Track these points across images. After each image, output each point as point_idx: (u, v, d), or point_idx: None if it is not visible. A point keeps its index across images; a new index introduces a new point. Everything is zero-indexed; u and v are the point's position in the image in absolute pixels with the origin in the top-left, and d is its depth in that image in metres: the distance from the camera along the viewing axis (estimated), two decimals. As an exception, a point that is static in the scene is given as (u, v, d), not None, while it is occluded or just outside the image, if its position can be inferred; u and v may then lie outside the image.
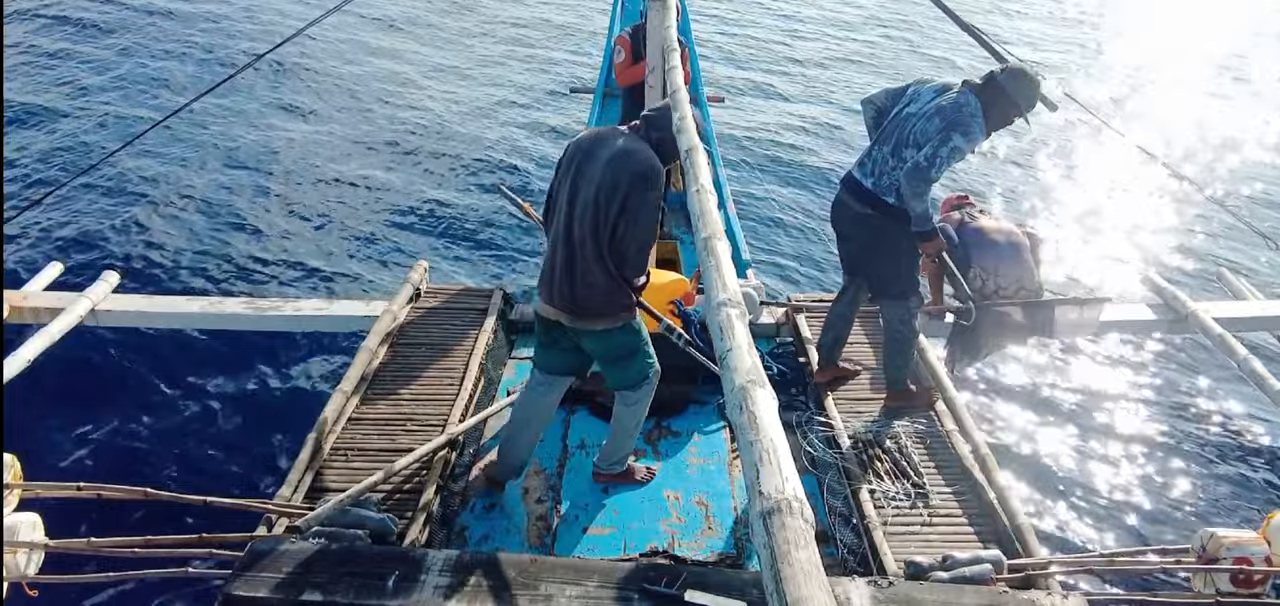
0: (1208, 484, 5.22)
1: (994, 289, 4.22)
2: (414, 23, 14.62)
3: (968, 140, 3.52)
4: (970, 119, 3.52)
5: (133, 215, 7.83)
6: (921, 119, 3.59)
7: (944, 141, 3.48)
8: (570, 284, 3.08)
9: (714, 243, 1.99)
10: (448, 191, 8.69)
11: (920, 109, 3.63)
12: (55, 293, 4.66)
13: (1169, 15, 16.87)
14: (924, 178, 3.48)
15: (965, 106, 3.54)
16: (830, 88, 12.29)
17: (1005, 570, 2.89)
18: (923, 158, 3.48)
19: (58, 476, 3.68)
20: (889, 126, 3.73)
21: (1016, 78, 3.59)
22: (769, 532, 1.17)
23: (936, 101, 3.60)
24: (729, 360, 1.59)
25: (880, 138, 3.76)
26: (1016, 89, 3.57)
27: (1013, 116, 3.64)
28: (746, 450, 1.35)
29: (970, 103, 3.55)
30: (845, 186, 3.87)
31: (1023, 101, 3.59)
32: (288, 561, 2.65)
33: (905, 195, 3.54)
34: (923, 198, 3.52)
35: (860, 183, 3.76)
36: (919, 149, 3.53)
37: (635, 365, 3.27)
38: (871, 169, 3.75)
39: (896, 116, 3.71)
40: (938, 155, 3.48)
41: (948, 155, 3.49)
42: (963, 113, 3.52)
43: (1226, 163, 10.05)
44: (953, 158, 3.53)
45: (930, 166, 3.47)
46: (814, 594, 1.07)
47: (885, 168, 3.67)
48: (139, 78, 11.39)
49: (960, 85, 3.64)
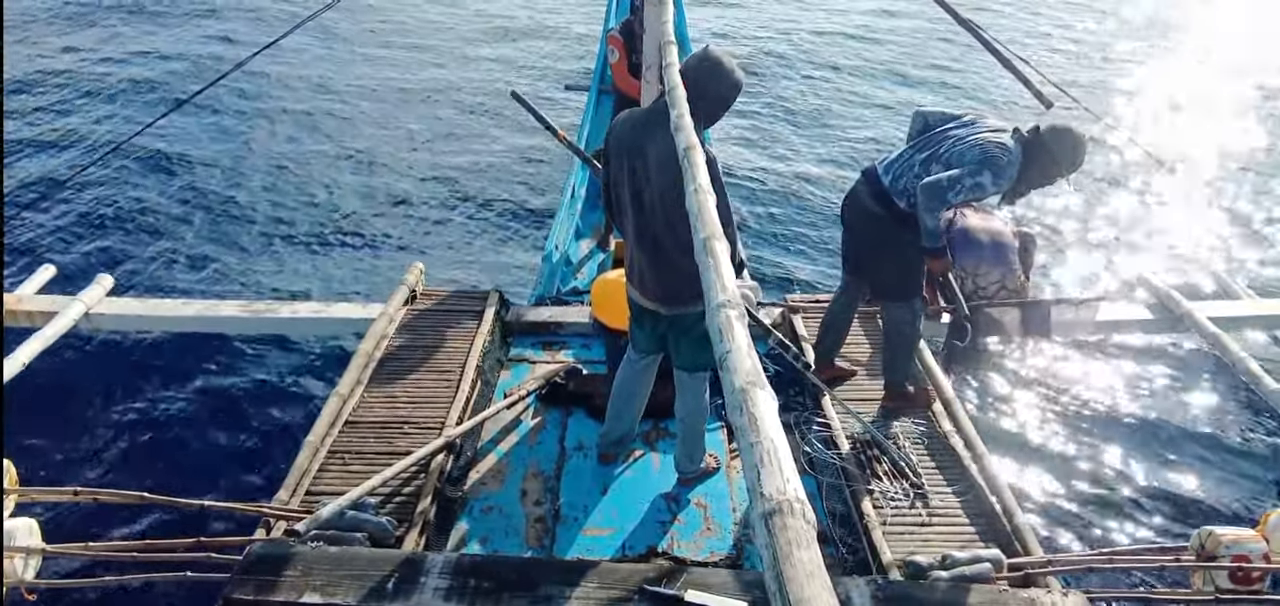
0: (1205, 482, 5.23)
1: (973, 289, 4.22)
2: (408, 23, 14.60)
3: (995, 183, 3.52)
4: (1007, 166, 3.52)
5: (127, 218, 7.81)
6: (962, 144, 3.58)
7: (973, 174, 3.47)
8: (657, 278, 3.17)
9: (712, 243, 1.98)
10: (444, 193, 8.68)
11: (966, 134, 3.61)
12: (49, 296, 4.63)
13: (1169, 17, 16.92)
14: (941, 197, 3.48)
15: (1007, 153, 3.52)
16: (830, 88, 12.30)
17: (1005, 569, 2.90)
18: (945, 179, 3.47)
19: (54, 481, 3.67)
20: (930, 138, 3.72)
21: (1059, 135, 3.56)
22: (771, 533, 1.17)
23: (984, 136, 3.58)
24: (728, 362, 1.58)
25: (917, 145, 3.75)
26: (1058, 146, 3.55)
27: (1053, 175, 3.62)
28: (747, 452, 1.35)
29: (1013, 153, 3.54)
30: (864, 178, 3.84)
31: (1064, 161, 3.57)
32: (286, 565, 2.64)
33: (919, 206, 3.52)
34: (935, 215, 3.51)
35: (879, 178, 3.74)
36: (947, 168, 3.52)
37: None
38: (896, 168, 3.72)
39: (941, 132, 3.70)
40: (961, 183, 3.47)
41: (970, 187, 3.49)
42: (1001, 159, 3.51)
43: (1222, 162, 10.08)
44: (974, 193, 3.53)
45: (949, 189, 3.47)
46: (817, 594, 1.06)
47: (909, 172, 3.65)
48: (133, 80, 11.36)
49: (1011, 131, 3.64)
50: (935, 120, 3.81)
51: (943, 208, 3.51)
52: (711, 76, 3.03)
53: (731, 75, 3.06)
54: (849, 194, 3.92)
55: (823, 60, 13.54)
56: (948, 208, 3.53)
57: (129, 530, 4.28)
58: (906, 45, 14.44)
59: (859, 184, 3.85)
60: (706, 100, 3.01)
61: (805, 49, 14.03)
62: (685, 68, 3.06)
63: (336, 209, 8.23)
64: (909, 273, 3.82)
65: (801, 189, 9.00)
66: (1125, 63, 14.04)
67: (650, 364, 3.57)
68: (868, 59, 13.70)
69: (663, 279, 3.17)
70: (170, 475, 4.89)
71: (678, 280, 3.08)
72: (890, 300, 3.92)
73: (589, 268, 5.75)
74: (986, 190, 3.55)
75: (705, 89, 3.00)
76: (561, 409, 4.04)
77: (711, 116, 3.12)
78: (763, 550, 1.18)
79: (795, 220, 8.40)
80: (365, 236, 7.75)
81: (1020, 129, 3.66)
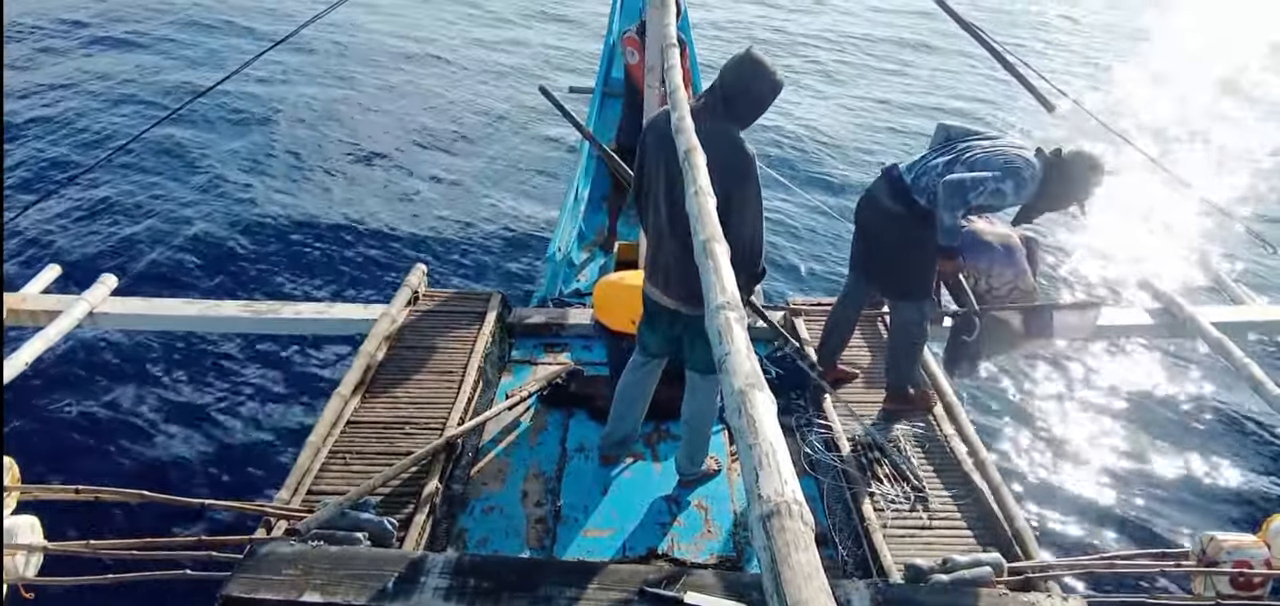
0: (1207, 487, 5.22)
1: (986, 289, 4.22)
2: (407, 25, 14.62)
3: (1015, 194, 3.58)
4: (1028, 180, 3.57)
5: (131, 217, 7.84)
6: (987, 151, 3.63)
7: (997, 180, 3.52)
8: (684, 277, 3.14)
9: (713, 245, 1.99)
10: (447, 195, 8.69)
11: (992, 145, 3.67)
12: (53, 295, 4.64)
13: (1169, 21, 16.89)
14: (963, 197, 3.50)
15: (1031, 167, 3.58)
16: (831, 89, 12.29)
17: (1005, 572, 2.89)
18: (969, 178, 3.51)
19: (56, 479, 3.67)
20: (955, 144, 3.77)
21: (1077, 162, 3.63)
22: (769, 535, 1.17)
23: (1007, 148, 3.65)
24: (728, 364, 1.58)
25: (940, 150, 3.79)
26: (1078, 172, 3.61)
27: (1068, 201, 3.69)
28: (746, 454, 1.35)
29: (1036, 169, 3.60)
30: (884, 176, 3.86)
31: (1079, 187, 3.64)
32: (286, 564, 2.64)
33: (939, 202, 3.55)
34: (955, 212, 3.53)
35: (900, 177, 3.77)
36: (970, 171, 3.56)
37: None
38: (918, 168, 3.75)
39: (967, 142, 3.75)
40: (984, 185, 3.50)
41: (991, 192, 3.52)
42: (1024, 171, 3.56)
43: (1224, 166, 10.06)
44: (994, 199, 3.57)
45: (971, 189, 3.50)
46: (815, 596, 1.06)
47: (931, 173, 3.68)
48: (137, 80, 11.40)
49: (1035, 150, 3.69)
50: (958, 133, 3.86)
51: (962, 206, 3.53)
52: (753, 76, 3.05)
53: (771, 76, 3.08)
54: (866, 193, 3.95)
55: (823, 61, 13.53)
56: (967, 208, 3.55)
57: (130, 528, 4.28)
58: (906, 46, 14.43)
59: (878, 182, 3.87)
60: (745, 99, 3.04)
61: (805, 51, 14.02)
62: (725, 67, 3.10)
63: (340, 210, 8.25)
64: (922, 274, 3.84)
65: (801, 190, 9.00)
66: (1125, 64, 14.02)
67: (656, 367, 3.57)
68: (866, 61, 13.69)
69: (689, 278, 3.11)
70: (172, 474, 4.91)
71: (686, 274, 3.05)
72: (901, 301, 3.93)
73: (591, 270, 5.76)
74: (1007, 199, 3.60)
75: (746, 87, 3.03)
76: (563, 410, 4.04)
77: (747, 117, 3.11)
78: (761, 552, 1.18)
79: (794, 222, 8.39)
80: (368, 238, 7.76)
81: (1042, 150, 3.70)
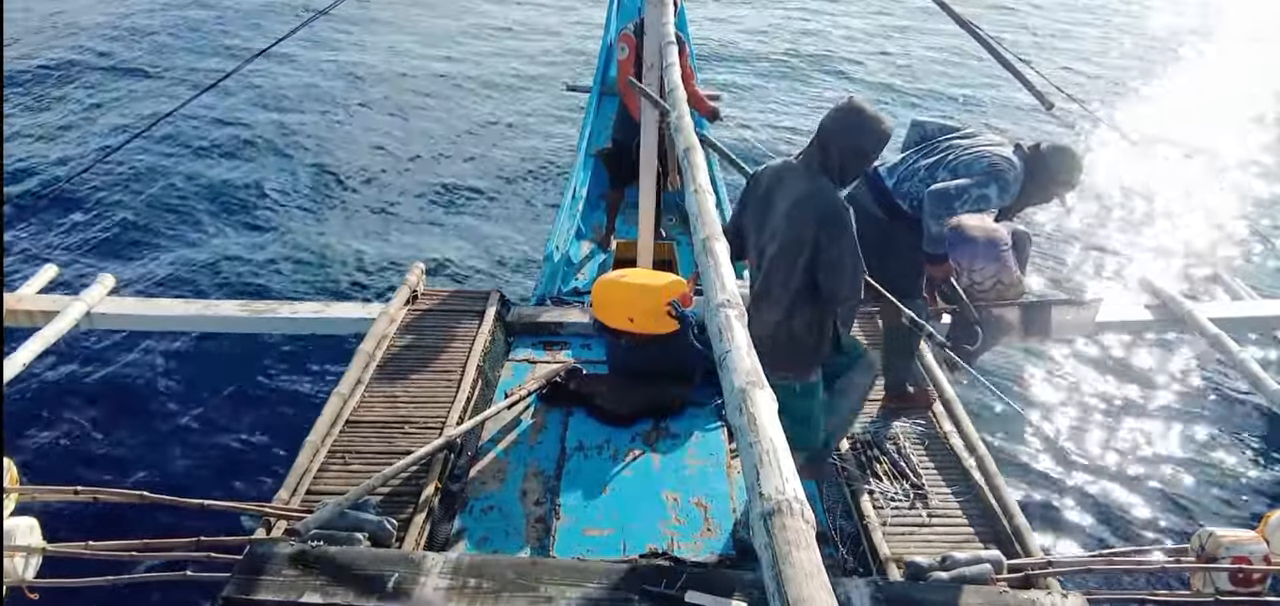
0: (1205, 483, 5.23)
1: (968, 284, 4.21)
2: (407, 25, 14.61)
3: (1000, 197, 3.59)
4: (1013, 181, 3.59)
5: (129, 218, 7.83)
6: (968, 154, 3.63)
7: (981, 185, 3.53)
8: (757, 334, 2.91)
9: (713, 243, 1.99)
10: (445, 193, 8.68)
11: (971, 145, 3.68)
12: (51, 295, 4.63)
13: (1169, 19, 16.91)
14: (948, 206, 3.52)
15: (1013, 168, 3.59)
16: (830, 90, 12.29)
17: (1005, 570, 2.90)
18: (954, 187, 3.52)
19: (54, 480, 3.67)
20: (933, 145, 3.77)
21: (1060, 155, 3.65)
22: (770, 533, 1.17)
23: (988, 148, 3.65)
24: (728, 361, 1.59)
25: (920, 151, 3.79)
26: (1059, 165, 3.64)
27: (1052, 193, 3.72)
28: (746, 452, 1.35)
29: (1017, 169, 3.61)
30: (866, 182, 3.86)
31: (1063, 179, 3.67)
32: (286, 564, 2.64)
33: (925, 212, 3.56)
34: (941, 221, 3.55)
35: (882, 180, 3.78)
36: (954, 177, 3.57)
37: (798, 433, 2.83)
38: (900, 172, 3.76)
39: (946, 142, 3.75)
40: (968, 192, 3.52)
41: (977, 198, 3.54)
42: (1008, 174, 3.57)
43: (1223, 162, 10.07)
44: (980, 204, 3.58)
45: (957, 198, 3.51)
46: (815, 594, 1.06)
47: (913, 177, 3.69)
48: (135, 79, 11.38)
49: (1013, 146, 3.70)
50: (933, 130, 3.87)
51: (948, 215, 3.55)
52: (857, 129, 2.91)
53: (876, 126, 2.92)
54: (849, 197, 3.92)
55: (822, 63, 13.53)
56: (952, 216, 3.56)
57: (129, 529, 4.28)
58: (904, 47, 14.43)
59: (860, 188, 3.87)
60: (846, 152, 2.93)
61: (806, 52, 14.02)
62: (824, 119, 2.97)
63: (338, 209, 8.24)
64: (909, 274, 3.83)
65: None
66: (1125, 64, 14.03)
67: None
68: (864, 62, 13.69)
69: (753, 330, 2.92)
70: (170, 474, 4.90)
71: (766, 339, 2.81)
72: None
73: (590, 268, 5.76)
74: (991, 203, 3.60)
75: (848, 140, 2.91)
76: (562, 409, 4.04)
77: (848, 170, 3.01)
78: (762, 550, 1.18)
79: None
80: (366, 237, 7.76)
81: (1020, 145, 3.71)
